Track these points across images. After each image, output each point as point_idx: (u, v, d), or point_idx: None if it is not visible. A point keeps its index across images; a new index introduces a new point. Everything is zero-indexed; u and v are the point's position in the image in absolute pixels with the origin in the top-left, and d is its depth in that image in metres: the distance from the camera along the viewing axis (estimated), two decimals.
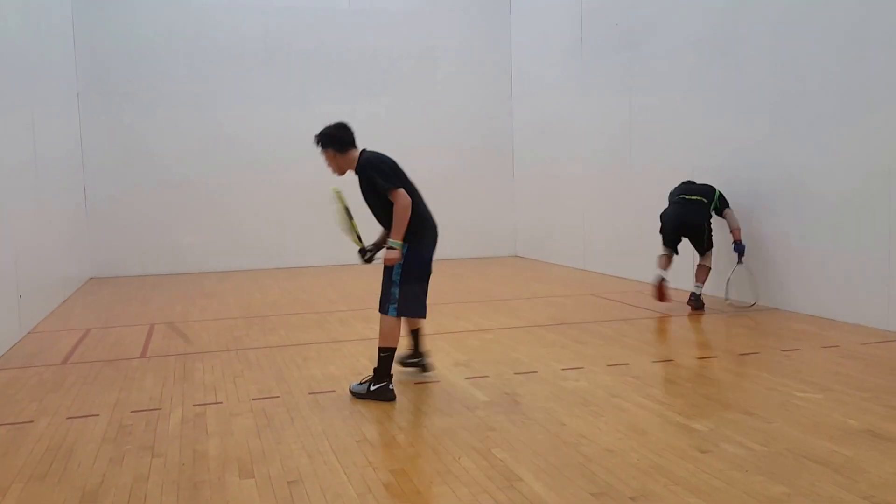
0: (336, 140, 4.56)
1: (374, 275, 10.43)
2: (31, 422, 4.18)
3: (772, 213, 7.06)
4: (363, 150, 4.63)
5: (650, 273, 9.03)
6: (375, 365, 4.50)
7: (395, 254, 4.44)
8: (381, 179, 4.43)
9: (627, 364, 5.14)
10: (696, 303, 7.08)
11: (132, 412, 4.31)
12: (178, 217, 11.51)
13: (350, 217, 4.72)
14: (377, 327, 4.55)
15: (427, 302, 4.65)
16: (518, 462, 3.39)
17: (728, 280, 7.23)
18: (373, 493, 3.09)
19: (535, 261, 11.93)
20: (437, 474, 3.28)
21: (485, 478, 3.22)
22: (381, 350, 4.47)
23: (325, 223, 12.07)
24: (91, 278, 10.97)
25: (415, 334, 4.97)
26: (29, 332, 6.88)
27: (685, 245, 7.36)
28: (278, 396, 4.56)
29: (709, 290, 7.54)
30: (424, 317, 4.68)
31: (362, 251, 4.76)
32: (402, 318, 4.58)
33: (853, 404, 4.11)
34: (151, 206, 11.40)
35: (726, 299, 7.26)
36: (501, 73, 12.68)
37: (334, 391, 4.64)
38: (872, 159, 6.01)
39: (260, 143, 11.72)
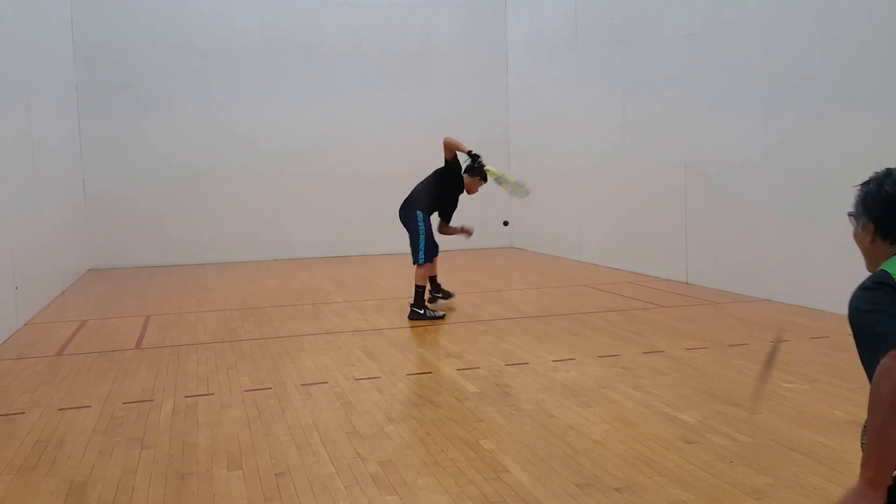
0: None
1: (369, 267, 10.50)
2: (23, 413, 4.21)
3: (763, 204, 7.06)
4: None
5: (643, 264, 9.07)
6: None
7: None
8: None
9: (618, 355, 5.17)
10: None
11: (124, 403, 4.34)
12: (176, 209, 11.53)
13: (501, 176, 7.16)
14: (372, 319, 4.60)
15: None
16: (505, 453, 3.42)
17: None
18: (359, 485, 3.11)
19: (531, 252, 11.94)
20: (424, 465, 3.30)
21: (472, 469, 3.25)
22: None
23: (322, 215, 12.20)
24: (90, 270, 10.99)
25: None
26: (25, 324, 6.91)
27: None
28: (270, 388, 4.59)
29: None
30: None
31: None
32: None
33: (839, 395, 4.13)
34: (150, 197, 11.41)
35: None
36: (497, 67, 12.66)
37: (326, 383, 4.67)
38: (861, 151, 6.01)
39: (257, 135, 11.73)
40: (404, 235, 6.87)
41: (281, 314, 7.11)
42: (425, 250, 6.68)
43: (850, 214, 1.77)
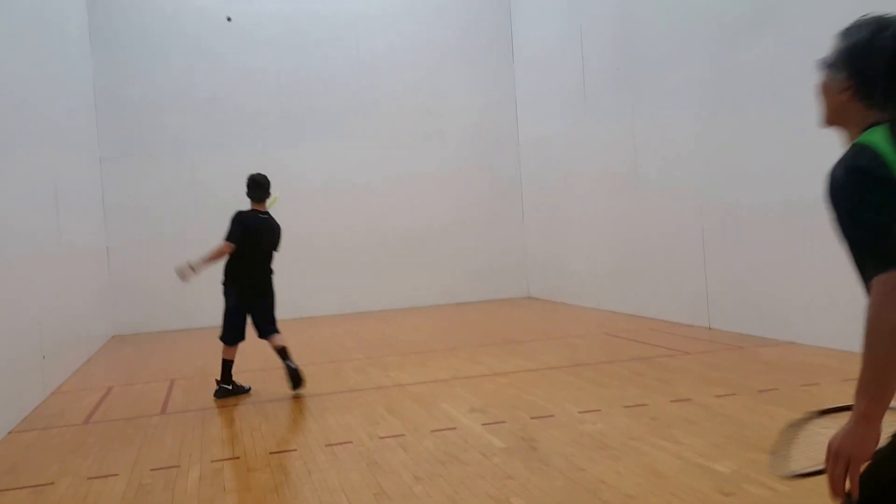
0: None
1: (388, 322, 10.50)
2: (52, 483, 4.22)
3: (783, 245, 7.03)
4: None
5: (664, 310, 9.01)
6: None
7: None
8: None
9: (645, 405, 5.10)
10: None
11: (151, 470, 4.34)
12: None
13: None
14: (394, 374, 4.60)
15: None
16: None
17: None
18: None
19: (549, 301, 11.90)
20: None
21: None
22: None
23: (338, 271, 12.31)
24: (114, 336, 11.10)
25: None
26: (52, 393, 6.95)
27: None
28: (295, 449, 4.57)
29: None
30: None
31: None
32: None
33: None
34: (172, 263, 11.57)
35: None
36: (507, 120, 12.93)
37: (351, 442, 4.64)
38: None
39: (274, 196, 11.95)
40: (422, 289, 6.91)
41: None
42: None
43: (826, 64, 1.58)
